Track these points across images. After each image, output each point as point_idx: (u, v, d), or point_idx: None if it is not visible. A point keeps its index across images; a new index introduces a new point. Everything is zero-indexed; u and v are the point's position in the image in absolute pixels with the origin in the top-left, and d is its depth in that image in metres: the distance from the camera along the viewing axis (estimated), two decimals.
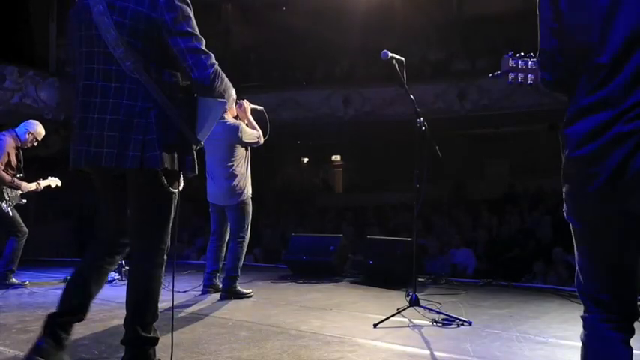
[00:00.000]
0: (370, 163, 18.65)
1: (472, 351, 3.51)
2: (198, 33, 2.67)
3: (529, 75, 2.21)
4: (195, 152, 2.78)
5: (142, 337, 2.74)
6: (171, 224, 2.79)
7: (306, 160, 20.89)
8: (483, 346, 3.62)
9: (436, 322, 4.21)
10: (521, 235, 10.33)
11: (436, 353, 3.46)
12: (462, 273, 8.89)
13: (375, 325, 4.09)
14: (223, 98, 2.76)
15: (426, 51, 14.65)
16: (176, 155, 2.67)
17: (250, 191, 5.47)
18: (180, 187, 2.79)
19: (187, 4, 2.69)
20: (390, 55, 4.40)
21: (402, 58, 4.46)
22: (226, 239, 5.54)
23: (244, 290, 5.45)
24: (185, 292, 5.66)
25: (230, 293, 5.32)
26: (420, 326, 4.14)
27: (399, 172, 15.26)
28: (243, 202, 5.40)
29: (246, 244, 5.49)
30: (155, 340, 2.80)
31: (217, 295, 5.40)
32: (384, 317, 4.18)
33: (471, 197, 15.42)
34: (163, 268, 2.86)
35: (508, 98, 12.70)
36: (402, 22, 16.45)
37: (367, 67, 14.55)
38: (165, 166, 2.62)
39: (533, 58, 2.19)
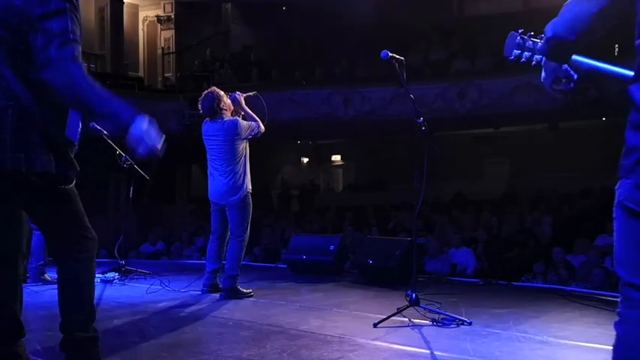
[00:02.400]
0: (370, 162, 18.65)
1: (472, 351, 3.51)
2: (69, 32, 2.42)
3: (535, 56, 2.18)
4: (68, 152, 2.61)
5: (81, 339, 2.64)
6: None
7: (306, 160, 20.89)
8: (483, 346, 3.62)
9: (436, 322, 4.21)
10: (521, 235, 10.32)
11: (436, 353, 3.46)
12: (462, 273, 8.88)
13: (375, 325, 4.09)
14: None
15: (426, 51, 14.64)
16: (35, 156, 2.47)
17: (250, 187, 5.47)
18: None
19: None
20: (390, 55, 4.40)
21: (402, 58, 4.46)
22: (227, 239, 5.54)
23: (244, 290, 5.45)
24: (185, 291, 5.66)
25: (230, 293, 5.31)
26: (420, 326, 4.14)
27: (399, 171, 15.27)
28: (244, 200, 5.40)
29: (245, 243, 5.49)
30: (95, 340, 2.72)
31: (218, 295, 5.40)
32: (384, 317, 4.18)
33: (471, 197, 15.42)
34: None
35: (508, 98, 12.69)
36: (403, 22, 16.48)
37: (367, 67, 14.54)
38: (16, 166, 2.43)
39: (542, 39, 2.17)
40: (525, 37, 2.20)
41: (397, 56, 4.45)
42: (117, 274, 6.40)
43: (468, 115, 13.21)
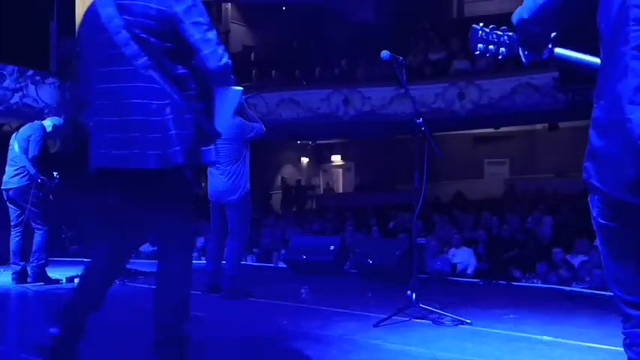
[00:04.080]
0: (370, 162, 18.65)
1: (472, 351, 3.51)
2: (209, 22, 2.62)
3: (501, 48, 2.15)
4: (214, 142, 2.73)
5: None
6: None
7: (306, 160, 20.90)
8: (483, 346, 3.62)
9: (436, 322, 4.21)
10: (521, 235, 10.32)
11: (436, 353, 3.46)
12: (462, 273, 8.89)
13: (375, 325, 4.10)
14: (238, 86, 2.76)
15: (426, 51, 14.64)
16: (196, 148, 2.61)
17: (249, 186, 5.47)
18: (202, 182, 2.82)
19: None
20: (391, 55, 4.40)
21: (402, 58, 4.46)
22: (226, 238, 5.54)
23: (244, 290, 5.45)
24: None
25: (230, 293, 5.31)
26: (420, 326, 4.14)
27: (399, 171, 15.29)
28: (244, 199, 5.40)
29: (245, 243, 5.49)
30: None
31: (218, 295, 5.39)
32: (385, 317, 4.18)
33: (471, 197, 15.42)
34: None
35: (508, 98, 12.70)
36: (403, 22, 16.48)
37: (367, 67, 14.54)
38: (187, 160, 2.56)
39: (508, 32, 2.13)
40: (487, 30, 2.16)
41: (397, 56, 4.45)
42: None
43: (468, 115, 13.21)
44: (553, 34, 1.97)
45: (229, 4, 18.22)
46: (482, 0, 17.65)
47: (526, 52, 2.06)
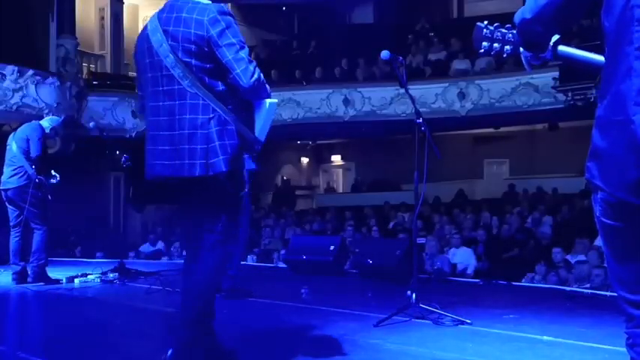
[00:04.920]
0: (370, 162, 18.65)
1: (472, 351, 3.51)
2: (241, 42, 2.87)
3: (505, 46, 2.14)
4: (258, 150, 2.99)
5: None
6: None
7: (306, 160, 20.89)
8: (483, 346, 3.62)
9: (436, 322, 4.21)
10: (521, 235, 10.33)
11: (436, 353, 3.46)
12: (462, 273, 8.89)
13: (375, 325, 4.09)
14: (271, 98, 3.00)
15: (426, 51, 14.64)
16: (239, 156, 2.89)
17: (247, 188, 5.45)
18: (246, 187, 3.07)
19: (229, 14, 2.90)
20: (391, 55, 4.40)
21: (402, 58, 4.46)
22: None
23: (244, 290, 5.45)
24: None
25: (230, 293, 5.31)
26: (420, 326, 4.14)
27: (399, 172, 15.29)
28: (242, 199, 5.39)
29: (245, 242, 5.48)
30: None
31: (218, 295, 5.38)
32: (385, 317, 4.18)
33: (471, 197, 15.42)
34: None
35: (508, 98, 12.70)
36: (403, 22, 16.48)
37: (367, 67, 14.54)
38: (229, 168, 2.83)
39: (512, 30, 2.11)
40: (492, 27, 2.15)
41: (397, 56, 4.45)
42: (117, 274, 6.40)
43: (468, 115, 13.21)
44: (556, 37, 1.96)
45: (229, 4, 18.22)
46: (482, 0, 17.65)
47: (528, 55, 2.05)
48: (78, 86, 12.46)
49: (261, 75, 2.89)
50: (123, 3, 15.38)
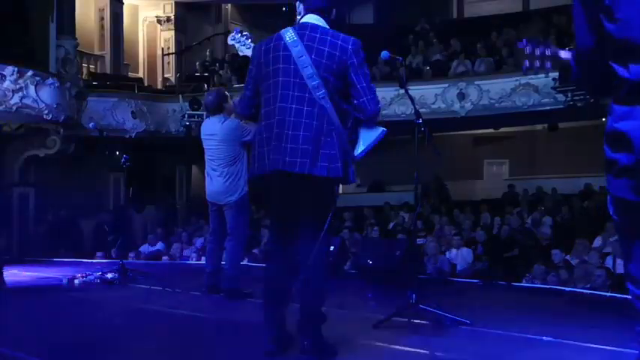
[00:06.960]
0: (370, 162, 18.64)
1: (472, 351, 3.51)
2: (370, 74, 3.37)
3: (546, 62, 2.19)
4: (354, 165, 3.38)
5: None
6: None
7: None
8: (483, 346, 3.62)
9: (436, 322, 4.20)
10: (521, 235, 10.32)
11: (436, 353, 3.46)
12: (462, 273, 8.89)
13: (374, 326, 4.09)
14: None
15: (426, 51, 14.63)
16: (349, 167, 3.30)
17: (247, 188, 5.46)
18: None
19: (362, 48, 3.32)
20: (390, 55, 4.40)
21: (402, 58, 4.46)
22: (225, 239, 5.53)
23: (244, 290, 5.44)
24: (186, 292, 5.66)
25: (230, 293, 5.30)
26: (420, 327, 4.14)
27: (399, 172, 15.27)
28: (242, 200, 5.39)
29: (245, 243, 5.48)
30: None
31: (218, 296, 5.39)
32: (384, 318, 4.18)
33: (470, 197, 15.41)
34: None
35: (508, 99, 12.69)
36: (403, 22, 16.47)
37: (367, 67, 14.53)
38: (342, 175, 3.23)
39: (550, 45, 2.17)
40: (533, 42, 2.20)
41: (397, 56, 4.45)
42: (117, 274, 6.40)
43: (468, 115, 13.21)
44: None
45: (229, 4, 18.21)
46: (482, 0, 17.65)
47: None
48: (78, 87, 12.45)
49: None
50: (123, 3, 15.37)
